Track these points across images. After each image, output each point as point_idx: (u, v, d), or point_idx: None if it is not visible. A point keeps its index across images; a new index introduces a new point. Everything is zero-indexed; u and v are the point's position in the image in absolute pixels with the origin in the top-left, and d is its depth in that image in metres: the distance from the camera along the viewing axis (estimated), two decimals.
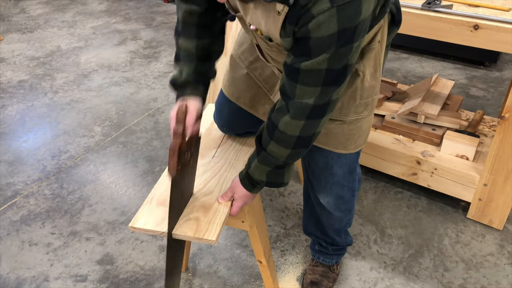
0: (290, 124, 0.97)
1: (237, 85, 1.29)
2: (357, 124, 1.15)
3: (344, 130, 1.14)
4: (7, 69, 3.12)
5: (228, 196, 1.14)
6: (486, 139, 1.93)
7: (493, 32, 1.43)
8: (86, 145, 2.30)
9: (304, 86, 0.90)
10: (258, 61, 1.23)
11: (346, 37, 0.83)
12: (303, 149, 1.03)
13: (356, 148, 1.19)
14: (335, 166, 1.21)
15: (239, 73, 1.28)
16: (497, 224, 1.76)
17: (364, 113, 1.14)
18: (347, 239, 1.47)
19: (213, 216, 1.09)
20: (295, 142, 1.00)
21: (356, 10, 0.80)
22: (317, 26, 0.81)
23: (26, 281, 1.57)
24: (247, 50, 1.24)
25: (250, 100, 1.29)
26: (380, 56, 1.08)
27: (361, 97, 1.10)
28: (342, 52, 0.85)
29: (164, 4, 4.48)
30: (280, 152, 1.02)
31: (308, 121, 0.96)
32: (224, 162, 1.28)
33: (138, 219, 1.09)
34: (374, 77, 1.10)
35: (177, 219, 1.09)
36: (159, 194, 1.17)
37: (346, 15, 0.80)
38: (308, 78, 0.89)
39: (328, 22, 0.80)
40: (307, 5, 0.80)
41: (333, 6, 0.78)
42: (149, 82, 2.93)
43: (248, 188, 1.10)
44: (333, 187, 1.25)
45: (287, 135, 0.99)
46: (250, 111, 1.30)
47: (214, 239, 1.03)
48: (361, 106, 1.12)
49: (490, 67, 3.08)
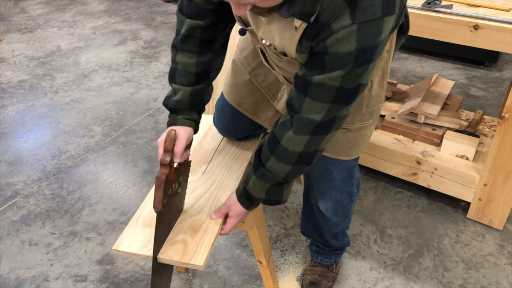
0: (293, 140, 0.94)
1: (239, 90, 1.27)
2: (361, 132, 1.13)
3: (349, 138, 1.13)
4: (7, 69, 3.12)
5: (221, 212, 1.09)
6: (486, 139, 1.93)
7: (493, 32, 1.43)
8: (86, 145, 2.30)
9: (313, 101, 0.87)
10: (261, 67, 1.20)
11: (364, 57, 0.80)
12: (304, 165, 0.99)
13: (357, 154, 1.19)
14: (334, 171, 1.20)
15: (241, 78, 1.25)
16: (497, 224, 1.76)
17: (369, 121, 1.13)
18: (344, 241, 1.47)
19: (201, 238, 1.04)
20: (297, 159, 0.96)
21: (378, 29, 0.78)
22: (336, 41, 0.78)
23: (26, 281, 1.57)
24: (250, 55, 1.22)
25: (252, 106, 1.27)
26: (387, 64, 1.07)
27: (368, 106, 1.09)
28: (358, 71, 0.82)
29: (164, 4, 4.48)
30: (280, 168, 0.98)
31: (312, 137, 0.92)
32: (215, 179, 1.23)
33: (122, 241, 1.04)
34: (381, 85, 1.08)
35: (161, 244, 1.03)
36: (145, 214, 1.11)
37: (366, 33, 0.77)
38: (318, 92, 0.86)
39: (347, 38, 0.77)
40: (328, 21, 0.78)
41: (354, 22, 0.76)
42: (149, 82, 2.93)
43: (246, 205, 1.07)
44: (332, 192, 1.24)
45: (289, 151, 0.95)
46: (251, 117, 1.28)
47: (202, 264, 0.98)
48: (367, 114, 1.11)
49: (490, 67, 3.08)
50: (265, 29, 0.91)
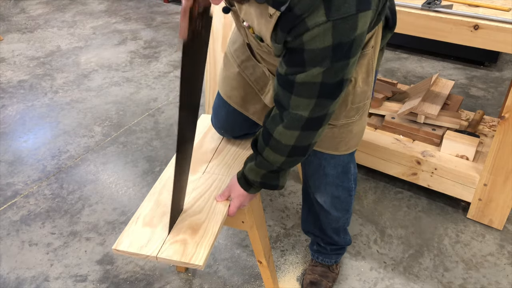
0: (284, 134, 0.97)
1: (229, 83, 1.29)
2: (347, 128, 1.15)
3: (335, 134, 1.15)
4: (7, 69, 3.12)
5: (225, 195, 1.14)
6: (486, 139, 1.93)
7: (493, 32, 1.43)
8: (86, 145, 2.30)
9: (299, 98, 0.90)
10: (250, 60, 1.22)
11: (342, 52, 0.82)
12: (299, 157, 1.03)
13: (348, 150, 1.19)
14: (327, 167, 1.21)
15: (231, 71, 1.28)
16: (497, 224, 1.76)
17: (355, 117, 1.14)
18: (345, 239, 1.47)
19: (201, 238, 1.05)
20: (290, 151, 1.00)
21: (352, 26, 0.80)
22: (311, 39, 0.81)
23: (26, 281, 1.57)
24: (239, 48, 1.24)
25: (241, 99, 1.29)
26: (373, 61, 1.07)
27: (353, 102, 1.10)
28: (338, 67, 0.85)
29: (164, 4, 4.48)
30: (276, 158, 1.02)
31: (303, 132, 0.95)
32: (215, 179, 1.23)
33: (122, 241, 1.04)
34: (366, 82, 1.09)
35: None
36: (145, 214, 1.12)
37: (342, 30, 0.79)
38: (302, 90, 0.89)
39: (323, 35, 0.79)
40: (302, 15, 0.79)
41: (329, 20, 0.78)
42: (149, 82, 2.93)
43: (245, 187, 1.10)
44: (327, 187, 1.26)
45: (282, 144, 0.99)
46: (240, 110, 1.30)
47: (201, 264, 0.98)
48: (352, 110, 1.12)
49: (490, 67, 3.08)
50: (246, 10, 0.94)
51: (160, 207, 1.14)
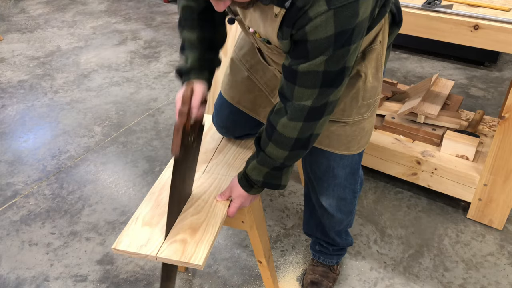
0: (288, 126, 0.97)
1: (238, 88, 1.28)
2: (359, 125, 1.14)
3: (347, 132, 1.14)
4: (7, 69, 3.12)
5: (225, 195, 1.14)
6: (486, 139, 1.93)
7: (493, 32, 1.43)
8: (86, 145, 2.30)
9: (302, 88, 0.91)
10: (259, 63, 1.22)
11: (343, 39, 0.83)
12: (301, 151, 1.03)
13: (359, 149, 1.19)
14: (337, 168, 1.21)
15: (239, 76, 1.27)
16: (497, 224, 1.76)
17: (366, 114, 1.14)
18: (347, 240, 1.47)
19: (200, 238, 1.04)
20: (293, 144, 1.00)
21: (353, 13, 0.81)
22: (314, 29, 0.81)
23: (26, 281, 1.57)
24: (248, 53, 1.24)
25: (251, 103, 1.28)
26: (381, 56, 1.08)
27: (364, 98, 1.10)
28: (339, 54, 0.86)
29: (164, 4, 4.48)
30: (278, 153, 1.02)
31: (305, 123, 0.96)
32: (215, 178, 1.23)
33: (121, 240, 1.04)
34: (376, 78, 1.10)
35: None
36: (145, 214, 1.12)
37: (343, 17, 0.80)
38: (305, 80, 0.90)
39: (325, 24, 0.80)
40: (304, 7, 0.81)
41: (330, 8, 0.79)
42: (149, 82, 2.93)
43: (246, 188, 1.10)
44: (335, 189, 1.25)
45: (285, 137, 0.99)
46: (251, 114, 1.29)
47: (201, 264, 0.98)
48: (363, 107, 1.12)
49: (490, 67, 3.08)
50: (251, 17, 0.95)
51: (159, 207, 1.14)
